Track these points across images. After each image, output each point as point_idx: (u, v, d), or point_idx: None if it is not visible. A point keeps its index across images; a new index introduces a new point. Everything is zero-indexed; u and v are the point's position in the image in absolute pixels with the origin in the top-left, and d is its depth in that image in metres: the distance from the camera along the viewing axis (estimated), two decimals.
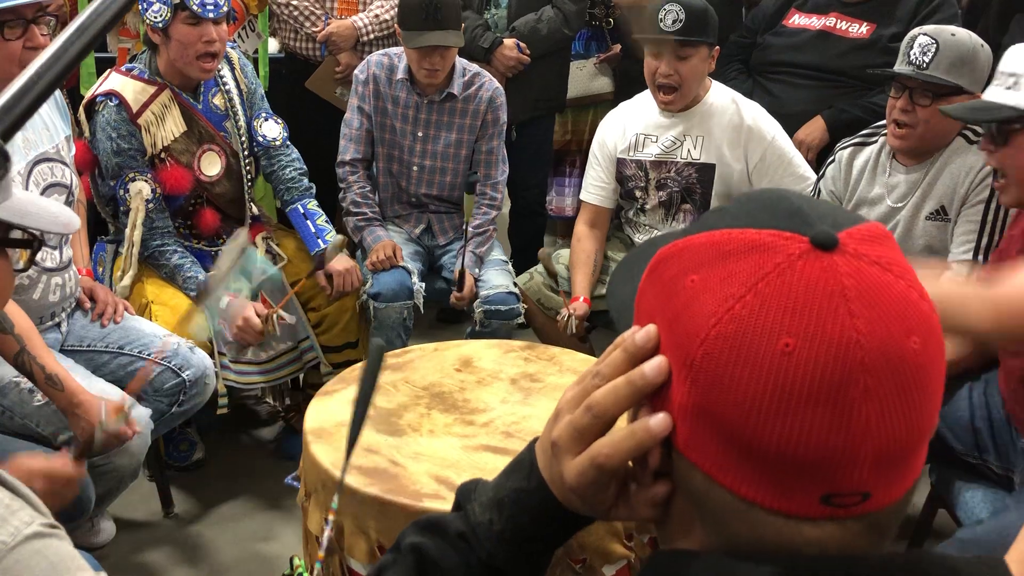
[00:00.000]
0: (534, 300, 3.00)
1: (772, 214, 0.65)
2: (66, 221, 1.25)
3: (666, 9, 2.70)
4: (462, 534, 0.78)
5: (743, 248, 0.64)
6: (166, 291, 2.65)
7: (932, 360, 0.63)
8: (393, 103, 3.03)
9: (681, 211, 2.93)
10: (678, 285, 0.66)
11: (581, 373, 0.74)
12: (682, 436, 0.65)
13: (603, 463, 0.69)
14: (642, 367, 0.67)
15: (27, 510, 0.83)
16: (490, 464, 1.66)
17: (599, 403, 0.70)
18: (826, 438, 0.60)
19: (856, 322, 0.60)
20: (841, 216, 0.66)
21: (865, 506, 0.63)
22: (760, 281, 0.62)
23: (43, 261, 2.20)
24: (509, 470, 0.80)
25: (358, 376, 1.03)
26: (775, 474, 0.62)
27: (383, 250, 2.91)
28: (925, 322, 0.63)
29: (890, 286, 0.62)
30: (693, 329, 0.63)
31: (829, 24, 3.21)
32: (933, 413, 0.64)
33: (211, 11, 2.53)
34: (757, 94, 3.19)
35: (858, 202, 2.56)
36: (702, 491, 0.65)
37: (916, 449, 0.64)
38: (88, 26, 0.73)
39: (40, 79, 0.71)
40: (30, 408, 2.10)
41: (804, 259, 0.62)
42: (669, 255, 0.68)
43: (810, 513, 0.62)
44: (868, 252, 0.63)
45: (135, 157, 2.62)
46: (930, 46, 2.32)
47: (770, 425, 0.60)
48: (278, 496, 2.73)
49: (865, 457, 0.61)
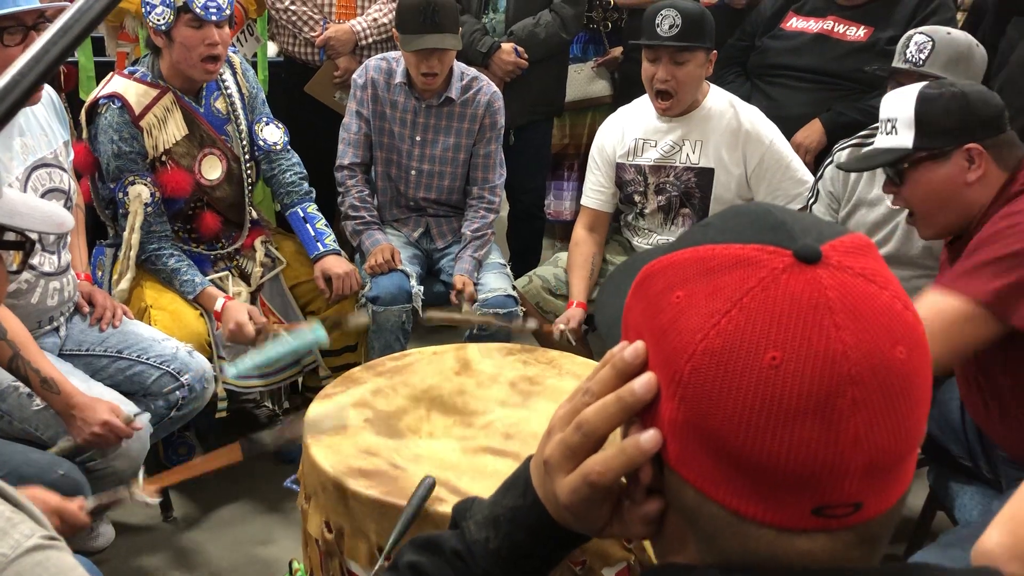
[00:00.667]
0: (532, 303, 3.00)
1: (756, 229, 0.66)
2: (59, 221, 1.24)
3: (663, 14, 2.70)
4: (458, 552, 0.78)
5: (728, 263, 0.64)
6: (165, 296, 2.65)
7: (918, 369, 0.64)
8: (392, 107, 3.03)
9: (680, 215, 2.94)
10: (664, 301, 0.66)
11: (573, 389, 0.75)
12: (673, 452, 0.66)
13: (595, 480, 0.70)
14: (631, 384, 0.67)
15: (28, 523, 0.83)
16: (490, 466, 1.66)
17: (589, 421, 0.70)
18: (815, 450, 0.60)
19: (842, 334, 0.61)
20: (825, 229, 0.66)
21: (857, 516, 0.63)
22: (745, 296, 0.62)
23: (41, 265, 2.20)
24: (505, 487, 0.80)
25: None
26: (766, 487, 0.62)
27: (381, 254, 2.91)
28: (910, 332, 0.64)
29: (874, 297, 0.63)
30: (680, 345, 0.64)
31: (827, 27, 3.22)
32: (921, 421, 0.65)
33: (214, 14, 2.53)
34: (755, 97, 3.20)
35: (857, 203, 2.57)
36: (694, 506, 0.65)
37: (906, 458, 0.64)
38: (71, 26, 0.73)
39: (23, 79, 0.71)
40: (29, 412, 2.10)
41: (788, 273, 0.62)
42: (655, 271, 0.68)
43: (802, 525, 0.63)
44: (852, 264, 0.64)
45: (136, 160, 2.62)
46: (926, 44, 2.39)
47: (759, 439, 0.61)
48: (277, 499, 2.72)
49: (855, 468, 0.61)
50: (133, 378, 2.34)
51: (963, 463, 2.09)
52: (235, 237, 2.86)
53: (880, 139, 1.95)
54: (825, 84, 3.15)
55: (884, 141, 1.93)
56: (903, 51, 2.43)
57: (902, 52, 2.43)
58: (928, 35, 2.39)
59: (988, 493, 2.03)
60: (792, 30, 3.28)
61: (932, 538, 2.37)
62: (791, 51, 3.25)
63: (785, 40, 3.28)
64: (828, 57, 3.17)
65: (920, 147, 1.86)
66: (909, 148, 1.87)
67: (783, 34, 3.30)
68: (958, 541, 1.77)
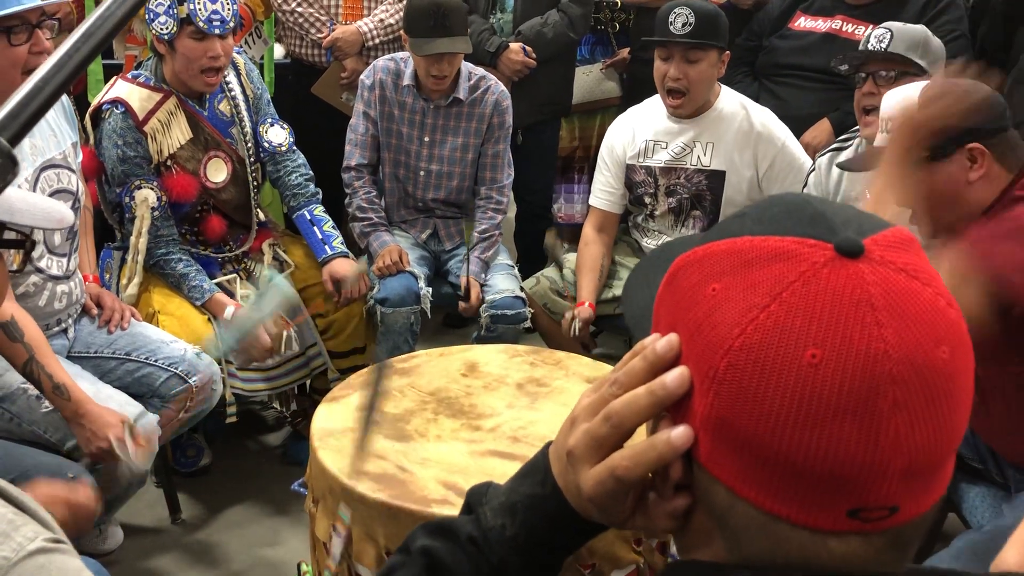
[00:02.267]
0: (540, 304, 2.99)
1: (794, 220, 0.64)
2: (59, 216, 1.23)
3: (676, 12, 2.69)
4: (473, 538, 0.77)
5: (766, 256, 0.62)
6: (173, 301, 2.65)
7: (961, 370, 0.62)
8: (400, 108, 3.03)
9: (691, 217, 2.93)
10: (699, 294, 0.64)
11: (596, 380, 0.73)
12: (704, 449, 0.64)
13: (622, 475, 0.68)
14: (663, 378, 0.65)
15: (31, 525, 0.82)
16: (498, 469, 1.65)
17: (618, 413, 0.68)
18: (854, 451, 0.59)
19: (884, 332, 0.59)
20: (866, 221, 0.64)
21: (892, 520, 0.61)
22: (785, 290, 0.60)
23: (48, 269, 2.21)
24: (522, 474, 0.78)
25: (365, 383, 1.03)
26: (801, 488, 0.60)
27: (389, 255, 2.91)
28: (954, 331, 0.62)
29: (917, 294, 0.61)
30: (716, 339, 0.62)
31: (835, 27, 3.21)
32: (962, 423, 0.63)
33: (217, 27, 2.52)
34: (763, 97, 3.19)
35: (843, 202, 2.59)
36: (725, 505, 0.64)
37: (945, 461, 0.63)
38: (94, 31, 0.72)
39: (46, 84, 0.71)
40: (37, 415, 2.10)
41: (829, 267, 0.61)
42: (689, 263, 0.67)
43: (836, 527, 0.61)
44: (894, 259, 0.62)
45: (141, 165, 2.62)
46: (885, 34, 2.54)
47: (796, 438, 0.59)
48: (285, 502, 2.72)
49: (894, 470, 0.60)
50: (141, 380, 2.34)
51: (972, 464, 2.08)
52: (243, 240, 2.86)
53: (880, 139, 1.95)
54: (833, 84, 3.14)
55: (884, 140, 1.93)
56: (864, 45, 2.57)
57: (863, 46, 2.57)
58: (885, 28, 2.55)
59: (998, 495, 2.03)
60: (800, 30, 3.27)
61: (944, 540, 2.36)
62: (799, 51, 3.24)
63: (793, 40, 3.27)
64: (836, 56, 3.16)
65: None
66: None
67: (791, 34, 3.29)
68: (969, 547, 1.76)
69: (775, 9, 3.37)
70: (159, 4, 2.50)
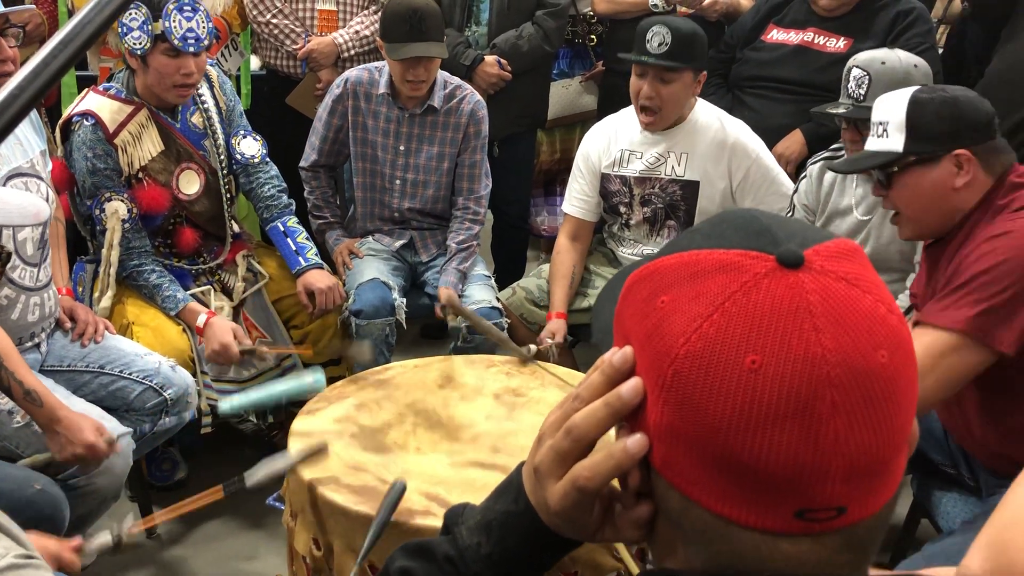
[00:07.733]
0: (517, 315, 3.00)
1: (742, 234, 0.66)
2: (35, 211, 1.22)
3: (654, 31, 2.69)
4: (450, 558, 0.78)
5: (711, 268, 0.65)
6: (147, 312, 2.63)
7: (901, 372, 0.64)
8: (374, 118, 3.03)
9: (666, 227, 2.94)
10: (650, 306, 0.67)
11: (559, 398, 0.75)
12: (658, 455, 0.66)
13: (584, 485, 0.70)
14: (618, 389, 0.68)
15: (2, 541, 0.82)
16: (479, 480, 1.65)
17: (578, 426, 0.70)
18: (796, 453, 0.61)
19: (821, 337, 0.61)
20: (810, 234, 0.67)
21: (840, 520, 0.63)
22: (727, 300, 0.63)
23: (22, 280, 2.18)
24: (497, 493, 0.80)
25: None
26: (748, 490, 0.62)
27: (341, 255, 3.04)
28: (893, 335, 0.64)
29: (857, 301, 0.63)
30: (664, 349, 0.64)
31: (807, 39, 3.24)
32: (905, 425, 0.65)
33: (191, 45, 2.51)
34: (736, 109, 3.22)
35: (831, 214, 2.61)
36: (680, 510, 0.66)
37: (890, 462, 0.64)
38: (72, 39, 0.72)
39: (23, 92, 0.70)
40: (9, 430, 2.08)
41: (770, 277, 0.63)
42: (641, 277, 0.69)
43: (786, 529, 0.63)
44: (835, 268, 0.64)
45: (111, 177, 2.60)
46: (863, 79, 2.42)
47: (740, 442, 0.61)
48: (262, 515, 2.70)
49: (836, 471, 0.61)
50: (116, 393, 2.32)
51: (946, 470, 2.10)
52: (217, 252, 2.85)
53: (871, 142, 1.97)
54: (806, 95, 3.17)
55: (875, 144, 1.95)
56: (845, 85, 2.48)
57: (845, 87, 2.48)
58: (864, 68, 2.43)
59: (970, 500, 2.05)
60: (772, 42, 3.30)
61: (916, 546, 2.38)
62: (772, 63, 3.27)
63: (766, 52, 3.30)
64: (809, 68, 3.19)
65: (910, 151, 1.87)
66: (899, 152, 1.88)
67: (764, 46, 3.32)
68: (941, 552, 1.77)
69: (748, 21, 3.40)
70: (133, 19, 2.48)
